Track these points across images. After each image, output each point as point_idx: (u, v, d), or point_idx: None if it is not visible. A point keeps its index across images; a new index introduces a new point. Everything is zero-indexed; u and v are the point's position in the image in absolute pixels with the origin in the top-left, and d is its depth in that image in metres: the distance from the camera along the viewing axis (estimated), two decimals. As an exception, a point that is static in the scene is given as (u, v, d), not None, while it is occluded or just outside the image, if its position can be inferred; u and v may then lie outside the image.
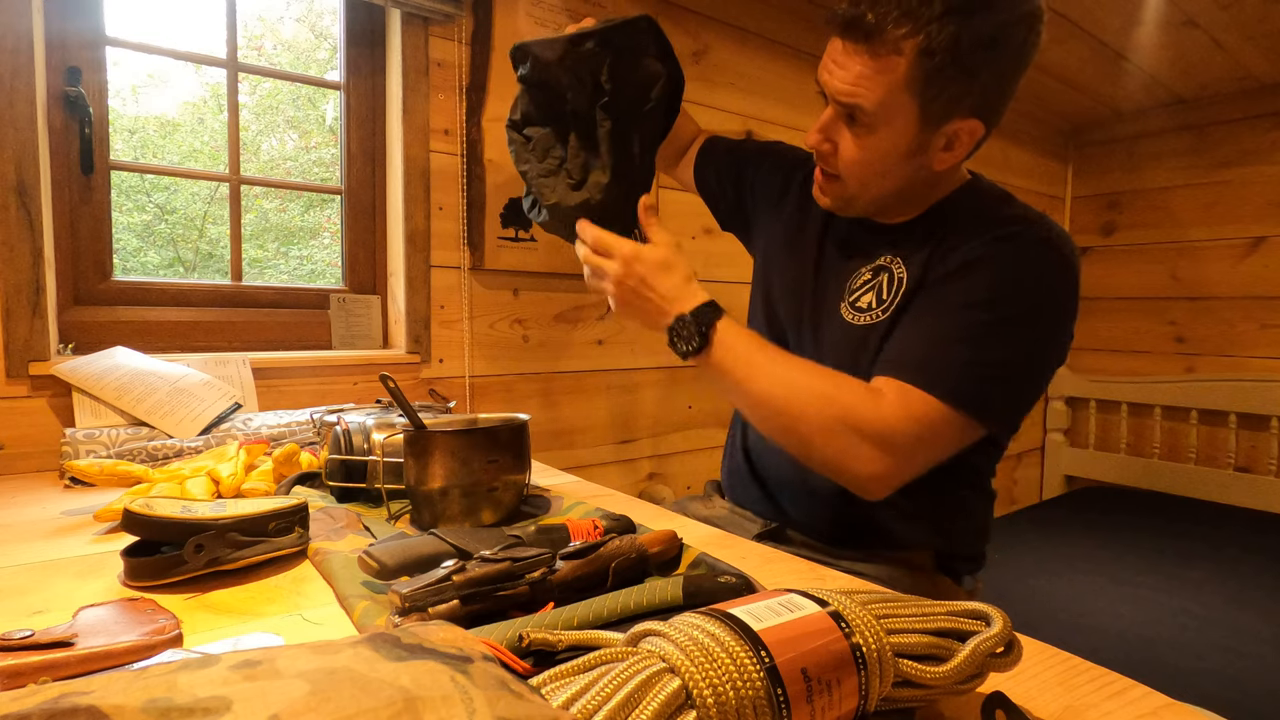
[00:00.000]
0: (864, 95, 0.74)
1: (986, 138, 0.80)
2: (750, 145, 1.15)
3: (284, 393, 1.28)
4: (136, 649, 0.46)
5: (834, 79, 0.77)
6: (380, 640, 0.31)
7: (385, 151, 1.48)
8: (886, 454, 0.72)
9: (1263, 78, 2.51)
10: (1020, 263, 0.76)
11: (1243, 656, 1.56)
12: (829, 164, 0.83)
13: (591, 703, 0.31)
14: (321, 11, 2.31)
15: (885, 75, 0.73)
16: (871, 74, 0.73)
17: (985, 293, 0.75)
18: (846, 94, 0.75)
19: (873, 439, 0.72)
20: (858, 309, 0.86)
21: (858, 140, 0.78)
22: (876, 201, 0.84)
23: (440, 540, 0.61)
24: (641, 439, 1.81)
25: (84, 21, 1.17)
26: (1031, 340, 0.76)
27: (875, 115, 0.75)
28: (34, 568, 0.63)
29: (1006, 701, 0.40)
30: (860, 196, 0.83)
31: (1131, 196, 2.98)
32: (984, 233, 0.79)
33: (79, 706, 0.23)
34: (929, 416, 0.72)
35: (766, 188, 1.06)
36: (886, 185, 0.82)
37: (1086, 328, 3.12)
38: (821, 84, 0.79)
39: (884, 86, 0.73)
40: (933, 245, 0.82)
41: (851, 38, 0.74)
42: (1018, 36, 0.73)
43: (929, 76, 0.72)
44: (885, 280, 0.85)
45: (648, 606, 0.52)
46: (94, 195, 1.20)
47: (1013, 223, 0.79)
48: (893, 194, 0.83)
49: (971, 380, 0.73)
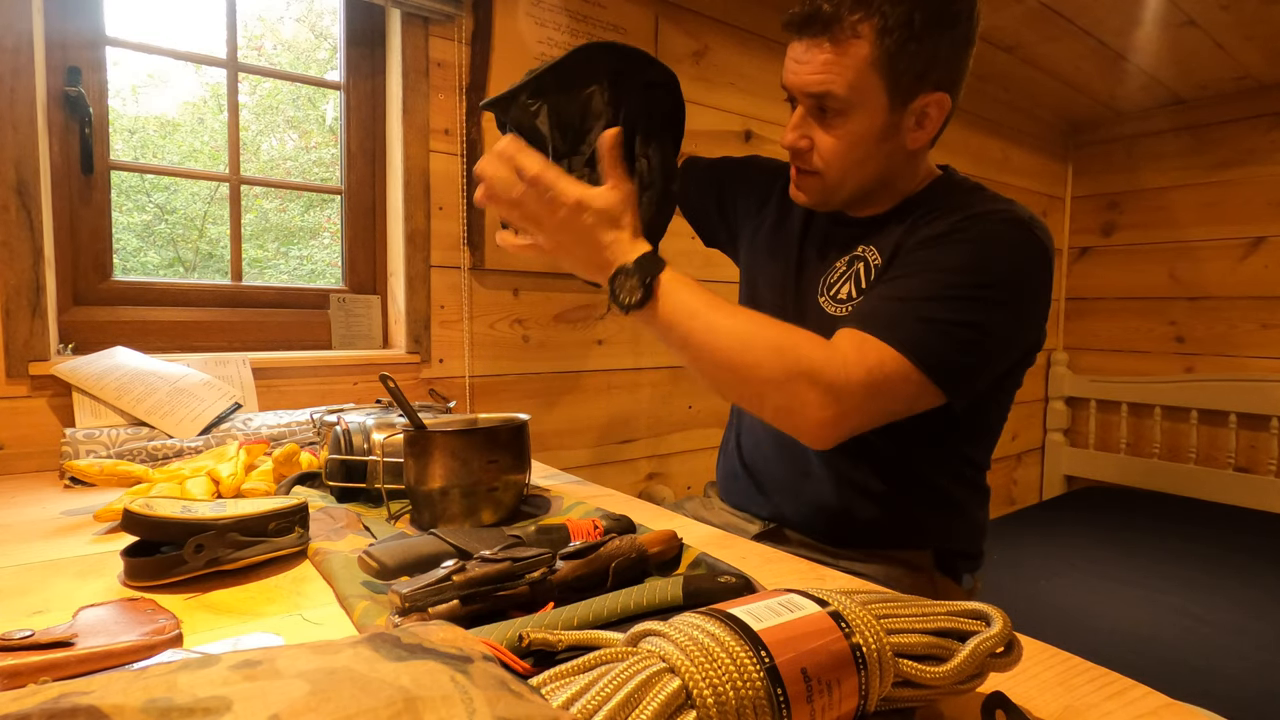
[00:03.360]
0: (834, 81, 0.77)
1: (953, 113, 0.83)
2: (728, 161, 1.16)
3: (284, 393, 1.28)
4: (136, 649, 0.46)
5: (800, 75, 0.79)
6: (380, 640, 0.31)
7: (385, 151, 1.48)
8: (836, 400, 0.70)
9: (1263, 78, 2.51)
10: (989, 237, 0.78)
11: (1243, 656, 1.56)
12: (806, 161, 0.84)
13: (591, 703, 0.31)
14: (321, 11, 2.31)
15: (850, 59, 0.76)
16: (837, 60, 0.76)
17: (953, 260, 0.77)
18: (817, 84, 0.78)
19: (823, 385, 0.70)
20: (838, 300, 0.88)
21: (833, 131, 0.81)
22: (855, 192, 0.86)
23: (440, 540, 0.61)
24: (641, 439, 1.81)
25: (84, 21, 1.17)
26: (996, 309, 0.76)
27: (847, 99, 0.78)
28: (34, 568, 0.63)
29: (1006, 701, 0.40)
30: (840, 188, 0.85)
31: (1131, 196, 2.98)
32: (955, 214, 0.80)
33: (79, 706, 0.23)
34: (883, 366, 0.71)
35: (747, 199, 1.08)
36: (866, 172, 0.84)
37: (1086, 328, 3.12)
38: (788, 86, 0.82)
39: (851, 69, 0.76)
40: (906, 229, 0.83)
41: (811, 33, 0.77)
42: (965, 8, 0.78)
43: (892, 55, 0.76)
44: (861, 269, 0.86)
45: (648, 606, 0.52)
46: (94, 195, 1.20)
47: (984, 203, 0.81)
48: (872, 180, 0.85)
49: (929, 336, 0.73)
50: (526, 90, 0.76)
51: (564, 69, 0.76)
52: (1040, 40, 2.21)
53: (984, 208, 0.80)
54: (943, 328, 0.73)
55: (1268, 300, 2.62)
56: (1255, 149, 2.64)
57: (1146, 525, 2.44)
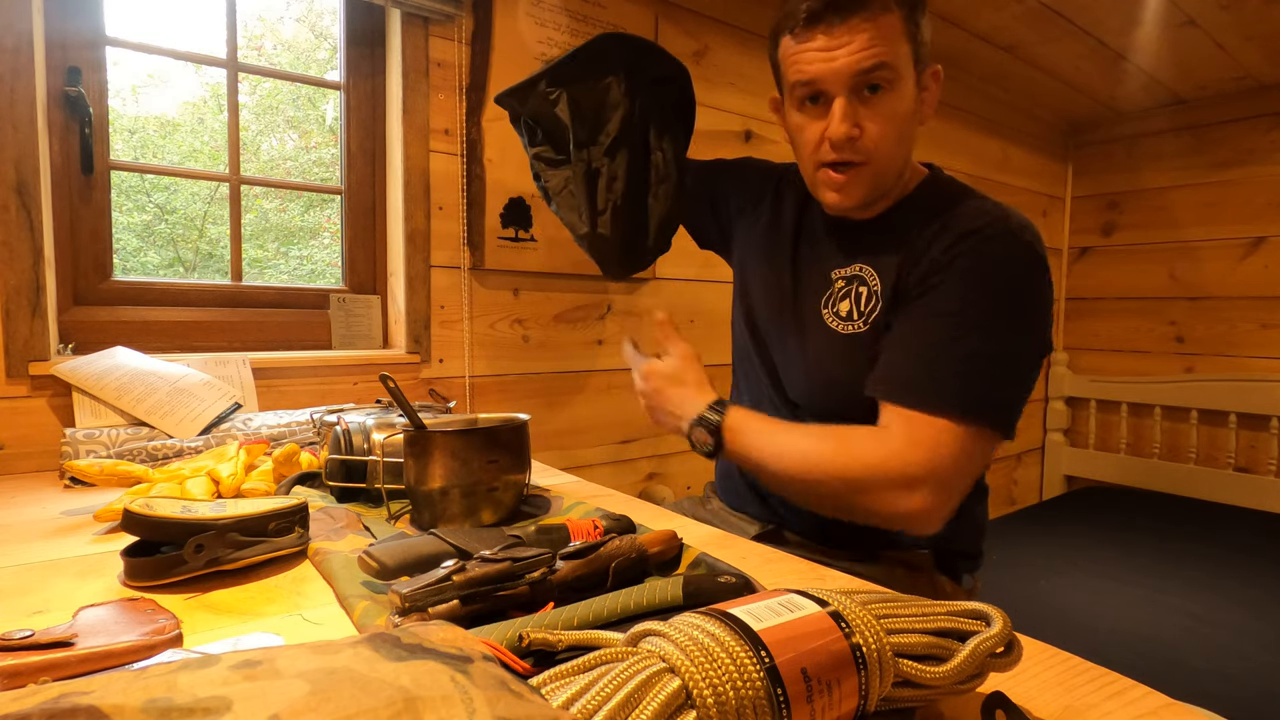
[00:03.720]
0: (885, 52, 0.77)
1: None
2: (721, 162, 1.17)
3: (284, 393, 1.28)
4: (136, 649, 0.46)
5: (842, 59, 0.77)
6: (380, 640, 0.31)
7: (385, 151, 1.48)
8: (915, 490, 0.73)
9: (1263, 78, 2.51)
10: (987, 261, 0.78)
11: (1243, 656, 1.56)
12: (857, 150, 0.81)
13: (591, 703, 0.31)
14: (321, 11, 2.31)
15: (890, 29, 0.77)
16: (879, 33, 0.77)
17: (959, 298, 0.77)
18: (871, 57, 0.76)
19: (897, 481, 0.73)
20: (840, 316, 0.87)
21: (880, 111, 0.80)
22: (894, 178, 0.86)
23: (440, 540, 0.61)
24: (641, 439, 1.81)
25: (84, 21, 1.17)
26: (1015, 330, 0.77)
27: (897, 70, 0.78)
28: (34, 568, 0.63)
29: (1006, 701, 0.40)
30: (886, 174, 0.84)
31: (1131, 196, 2.98)
32: (947, 234, 0.80)
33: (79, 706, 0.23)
34: (939, 440, 0.73)
35: (740, 199, 1.08)
36: (902, 153, 0.84)
37: (1086, 328, 3.12)
38: (820, 78, 0.79)
39: (895, 38, 0.77)
40: (903, 252, 0.83)
41: (846, 12, 0.77)
42: None
43: (913, 24, 0.78)
44: (863, 291, 0.86)
45: (648, 606, 0.52)
46: (94, 195, 1.20)
47: (974, 217, 0.81)
48: (903, 163, 0.85)
49: (967, 384, 0.74)
50: (546, 78, 0.77)
51: (582, 58, 0.77)
52: (1040, 40, 2.21)
53: (975, 222, 0.80)
54: (978, 367, 0.74)
55: (1268, 300, 2.62)
56: (1255, 149, 2.64)
57: (1146, 525, 2.44)
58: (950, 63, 2.40)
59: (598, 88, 0.80)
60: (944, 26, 2.13)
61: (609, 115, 0.81)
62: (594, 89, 0.79)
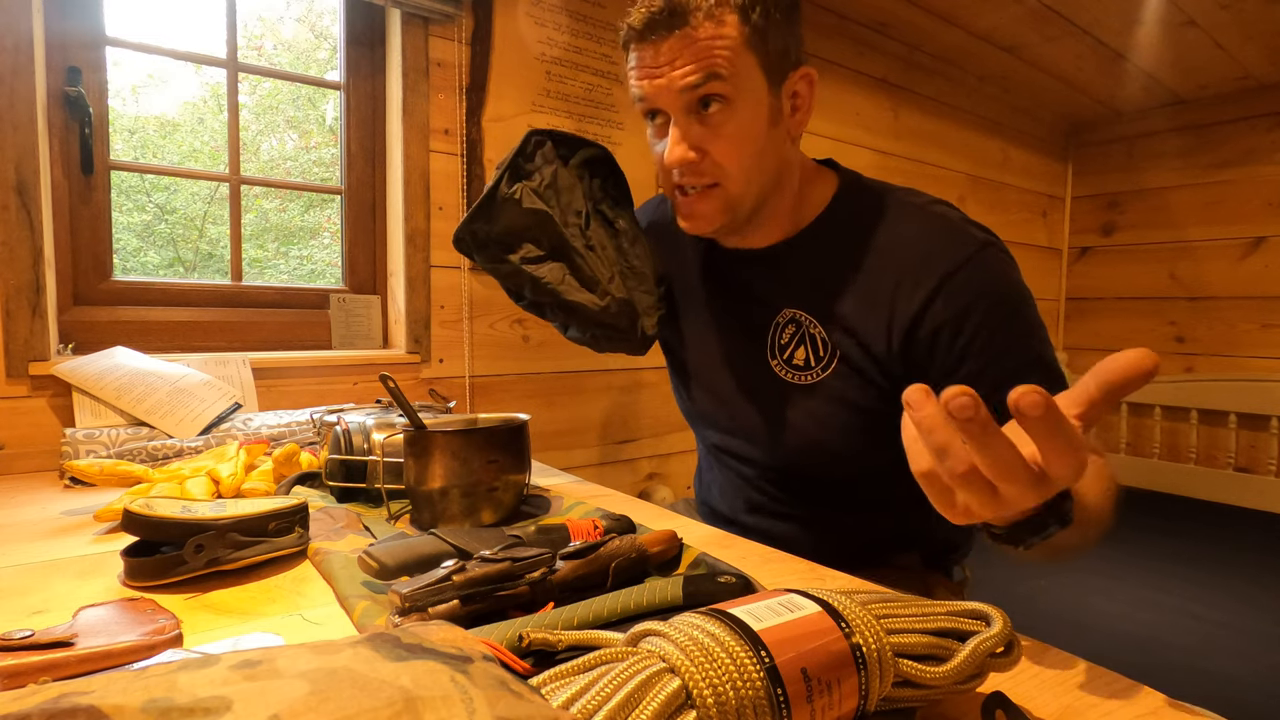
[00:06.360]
0: (716, 64, 0.71)
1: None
2: None
3: (284, 393, 1.28)
4: (136, 649, 0.46)
5: (669, 76, 0.73)
6: (380, 640, 0.31)
7: (385, 151, 1.48)
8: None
9: (1263, 78, 2.51)
10: (989, 280, 0.73)
11: (1243, 656, 1.56)
12: (701, 173, 0.76)
13: (591, 703, 0.31)
14: (321, 11, 2.31)
15: (722, 39, 0.71)
16: (709, 44, 0.71)
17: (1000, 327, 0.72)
18: (699, 69, 0.71)
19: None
20: (794, 366, 0.81)
21: (722, 129, 0.74)
22: (758, 197, 0.79)
23: (440, 540, 0.61)
24: (641, 439, 1.81)
25: (84, 21, 1.17)
26: (1041, 331, 0.74)
27: (732, 83, 0.72)
28: (34, 568, 0.63)
29: (1006, 701, 0.40)
30: (745, 196, 0.77)
31: (1131, 196, 2.98)
32: (927, 278, 0.73)
33: (79, 706, 0.23)
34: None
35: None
36: (765, 169, 0.77)
37: (1086, 327, 3.12)
38: (650, 97, 0.75)
39: (726, 48, 0.71)
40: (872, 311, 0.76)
41: (671, 26, 0.72)
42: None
43: (760, 31, 0.72)
44: (809, 342, 0.80)
45: (648, 606, 0.52)
46: (94, 195, 1.20)
47: (941, 253, 0.73)
48: (770, 180, 0.78)
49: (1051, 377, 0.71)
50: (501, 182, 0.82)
51: (521, 154, 0.82)
52: (1040, 40, 2.21)
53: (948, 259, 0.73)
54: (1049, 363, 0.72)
55: (1268, 300, 2.62)
56: (1255, 149, 2.64)
57: (1147, 525, 2.45)
58: (950, 63, 2.40)
59: (547, 174, 0.84)
60: (944, 26, 2.13)
61: (570, 195, 0.85)
62: (545, 177, 0.84)
